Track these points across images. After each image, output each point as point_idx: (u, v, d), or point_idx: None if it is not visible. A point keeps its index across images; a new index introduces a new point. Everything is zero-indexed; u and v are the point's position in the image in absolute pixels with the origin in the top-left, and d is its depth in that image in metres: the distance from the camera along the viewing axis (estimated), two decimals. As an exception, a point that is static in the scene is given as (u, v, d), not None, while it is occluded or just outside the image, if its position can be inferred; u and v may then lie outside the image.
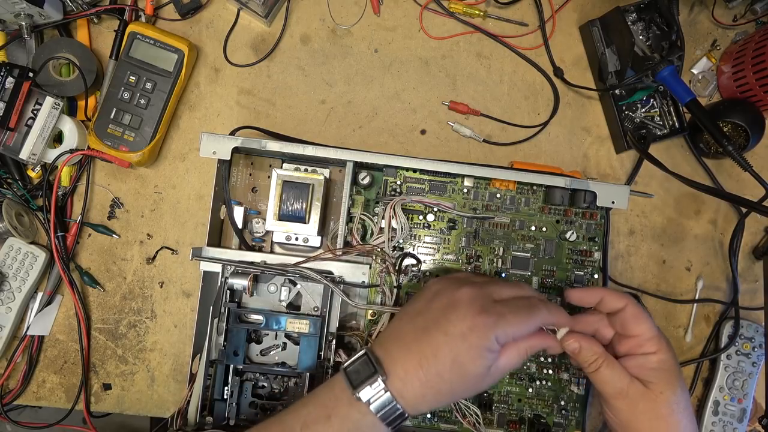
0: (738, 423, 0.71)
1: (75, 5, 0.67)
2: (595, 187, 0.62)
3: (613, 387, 0.52)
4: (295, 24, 0.72)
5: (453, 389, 0.48)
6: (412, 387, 0.47)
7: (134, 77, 0.66)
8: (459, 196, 0.64)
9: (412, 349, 0.49)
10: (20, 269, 0.68)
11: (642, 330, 0.52)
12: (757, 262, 0.73)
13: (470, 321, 0.48)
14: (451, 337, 0.48)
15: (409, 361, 0.48)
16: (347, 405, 0.48)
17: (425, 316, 0.51)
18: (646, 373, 0.51)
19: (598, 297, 0.55)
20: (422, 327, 0.50)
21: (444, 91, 0.72)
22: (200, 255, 0.62)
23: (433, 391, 0.48)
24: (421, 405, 0.48)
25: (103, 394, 0.70)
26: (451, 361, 0.47)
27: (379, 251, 0.62)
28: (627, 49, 0.66)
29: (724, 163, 0.73)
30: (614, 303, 0.53)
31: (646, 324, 0.52)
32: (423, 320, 0.50)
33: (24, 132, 0.64)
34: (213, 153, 0.61)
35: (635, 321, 0.52)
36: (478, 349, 0.47)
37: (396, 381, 0.47)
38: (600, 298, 0.55)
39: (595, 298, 0.55)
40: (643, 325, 0.52)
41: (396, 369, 0.48)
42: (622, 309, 0.53)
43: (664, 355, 0.51)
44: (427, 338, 0.49)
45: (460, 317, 0.49)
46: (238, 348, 0.60)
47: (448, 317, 0.49)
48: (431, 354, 0.48)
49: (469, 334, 0.47)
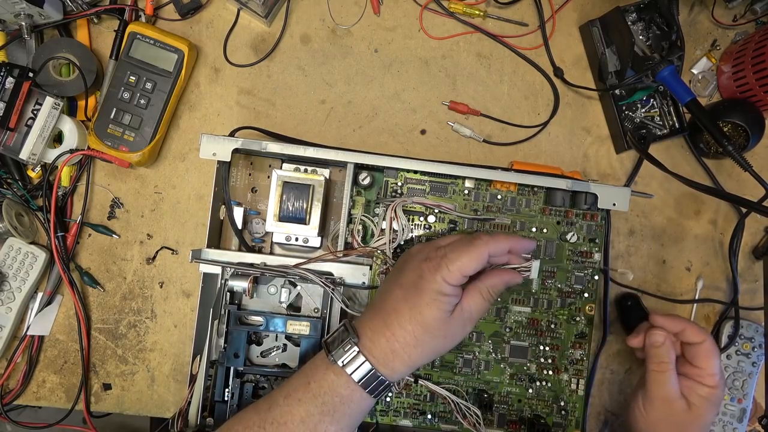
0: (738, 423, 0.71)
1: (75, 5, 0.66)
2: (596, 188, 0.62)
3: (665, 392, 0.57)
4: (295, 24, 0.72)
5: (419, 340, 0.50)
6: (379, 344, 0.50)
7: (134, 77, 0.66)
8: (460, 197, 0.64)
9: (377, 308, 0.53)
10: (20, 269, 0.68)
11: (709, 366, 0.56)
12: (757, 262, 0.73)
13: (417, 270, 0.52)
14: (405, 288, 0.51)
15: (375, 320, 0.52)
16: (324, 370, 0.51)
17: (388, 280, 0.56)
18: (695, 398, 0.56)
19: (680, 327, 0.58)
20: (386, 290, 0.54)
21: (444, 91, 0.72)
22: (200, 257, 0.62)
23: (400, 344, 0.50)
24: (393, 362, 0.50)
25: (103, 394, 0.70)
26: (409, 311, 0.50)
27: (380, 253, 0.62)
28: (627, 49, 0.65)
29: (724, 163, 0.73)
30: (694, 337, 0.57)
31: (714, 361, 0.56)
32: (387, 285, 0.55)
33: (24, 132, 0.64)
34: (213, 154, 0.61)
35: (707, 357, 0.56)
36: (430, 293, 0.50)
37: (365, 341, 0.51)
38: (682, 329, 0.58)
39: (678, 328, 0.58)
40: (712, 361, 0.56)
41: (365, 330, 0.51)
42: (699, 343, 0.57)
43: (717, 390, 0.56)
44: (389, 296, 0.53)
45: (410, 269, 0.53)
46: (238, 350, 0.61)
47: (401, 272, 0.54)
48: (392, 309, 0.51)
49: (418, 281, 0.51)
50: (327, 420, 0.49)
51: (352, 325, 0.52)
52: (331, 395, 0.49)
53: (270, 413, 0.49)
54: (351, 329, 0.51)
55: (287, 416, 0.49)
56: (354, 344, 0.50)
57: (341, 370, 0.49)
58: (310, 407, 0.49)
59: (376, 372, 0.49)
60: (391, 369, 0.50)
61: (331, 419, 0.49)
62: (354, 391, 0.49)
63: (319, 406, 0.49)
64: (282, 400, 0.50)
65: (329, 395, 0.49)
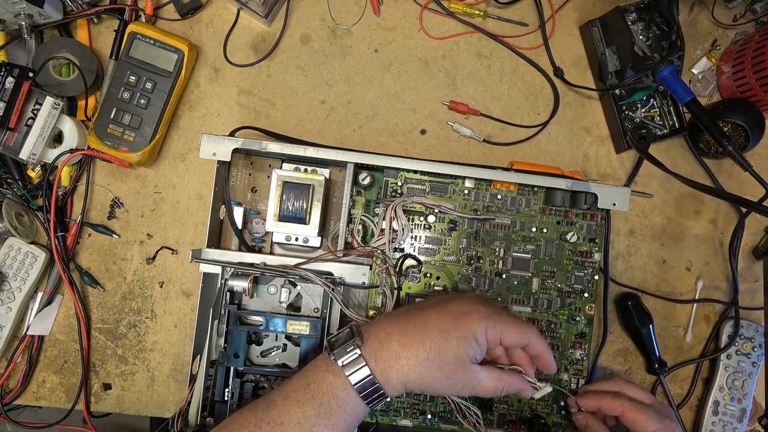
0: (738, 423, 0.71)
1: (75, 5, 0.66)
2: (596, 188, 0.62)
3: None
4: (295, 24, 0.72)
5: (428, 361, 0.49)
6: (389, 346, 0.49)
7: (134, 77, 0.66)
8: (460, 197, 0.64)
9: (402, 318, 0.52)
10: (20, 269, 0.68)
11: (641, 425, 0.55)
12: (757, 262, 0.73)
13: (468, 307, 0.51)
14: (445, 313, 0.51)
15: (394, 325, 0.51)
16: (324, 370, 0.50)
17: (425, 302, 0.55)
18: None
19: (597, 405, 0.58)
20: (420, 307, 0.53)
21: (444, 91, 0.72)
22: (200, 257, 0.62)
23: (409, 353, 0.49)
24: (393, 369, 0.49)
25: (103, 394, 0.70)
26: (437, 333, 0.49)
27: (379, 253, 0.62)
28: (627, 49, 0.65)
29: (724, 163, 0.73)
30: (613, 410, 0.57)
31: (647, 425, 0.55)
32: (422, 304, 0.54)
33: (24, 132, 0.64)
34: (213, 154, 0.61)
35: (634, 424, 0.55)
36: (467, 331, 0.49)
37: (374, 342, 0.50)
38: (599, 407, 0.58)
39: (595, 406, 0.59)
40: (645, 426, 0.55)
41: (378, 332, 0.50)
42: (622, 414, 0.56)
43: None
44: (422, 312, 0.52)
45: (460, 303, 0.52)
46: (238, 350, 0.60)
47: (447, 302, 0.53)
48: (420, 322, 0.50)
49: (463, 315, 0.50)
50: (323, 423, 0.48)
51: (359, 329, 0.52)
52: (328, 397, 0.49)
53: (267, 413, 0.49)
54: (356, 332, 0.51)
55: (284, 417, 0.49)
56: (357, 347, 0.49)
57: (340, 371, 0.49)
58: (308, 409, 0.49)
59: (373, 378, 0.49)
60: (387, 376, 0.49)
61: (326, 422, 0.48)
62: (350, 394, 0.49)
63: (316, 408, 0.49)
64: (281, 400, 0.50)
65: (327, 397, 0.49)
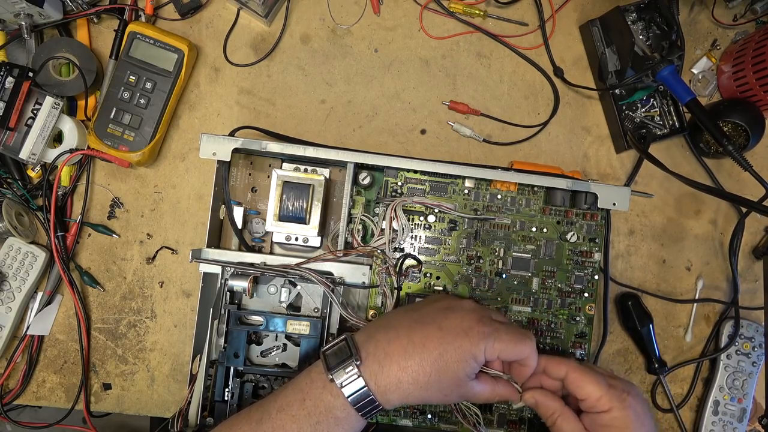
0: (738, 423, 0.71)
1: (75, 5, 0.66)
2: (596, 188, 0.62)
3: None
4: (295, 24, 0.72)
5: (429, 384, 0.49)
6: (389, 370, 0.48)
7: (134, 77, 0.66)
8: (460, 197, 0.64)
9: (401, 335, 0.50)
10: (20, 269, 0.68)
11: (587, 393, 0.50)
12: (757, 262, 0.73)
13: (467, 324, 0.50)
14: (445, 332, 0.50)
15: (394, 345, 0.49)
16: (321, 388, 0.49)
17: (422, 312, 0.53)
18: (601, 429, 0.50)
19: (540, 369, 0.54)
20: (418, 319, 0.52)
21: (444, 91, 0.72)
22: (199, 257, 0.62)
23: (410, 378, 0.48)
24: (393, 392, 0.49)
25: (103, 394, 0.70)
26: (438, 355, 0.49)
27: (379, 253, 0.62)
28: (627, 48, 0.65)
29: (724, 163, 0.73)
30: (556, 372, 0.53)
31: (590, 387, 0.50)
32: (419, 315, 0.53)
33: (24, 132, 0.64)
34: (213, 154, 0.61)
35: (577, 387, 0.51)
36: (466, 353, 0.49)
37: (374, 364, 0.49)
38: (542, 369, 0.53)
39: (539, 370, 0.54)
40: (587, 388, 0.50)
41: (377, 352, 0.49)
42: (565, 376, 0.52)
43: (617, 412, 0.49)
44: (421, 328, 0.50)
45: (459, 318, 0.51)
46: (238, 350, 0.60)
47: (446, 315, 0.51)
48: (420, 343, 0.49)
49: (462, 336, 0.49)
50: None
51: (355, 343, 0.50)
52: (326, 415, 0.48)
53: (261, 426, 0.49)
54: (353, 348, 0.49)
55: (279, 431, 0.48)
56: (356, 366, 0.48)
57: (339, 391, 0.48)
58: (303, 425, 0.48)
59: (374, 398, 0.48)
60: (387, 398, 0.49)
61: None
62: (349, 414, 0.48)
63: (313, 426, 0.48)
64: (275, 413, 0.49)
65: (324, 415, 0.48)
